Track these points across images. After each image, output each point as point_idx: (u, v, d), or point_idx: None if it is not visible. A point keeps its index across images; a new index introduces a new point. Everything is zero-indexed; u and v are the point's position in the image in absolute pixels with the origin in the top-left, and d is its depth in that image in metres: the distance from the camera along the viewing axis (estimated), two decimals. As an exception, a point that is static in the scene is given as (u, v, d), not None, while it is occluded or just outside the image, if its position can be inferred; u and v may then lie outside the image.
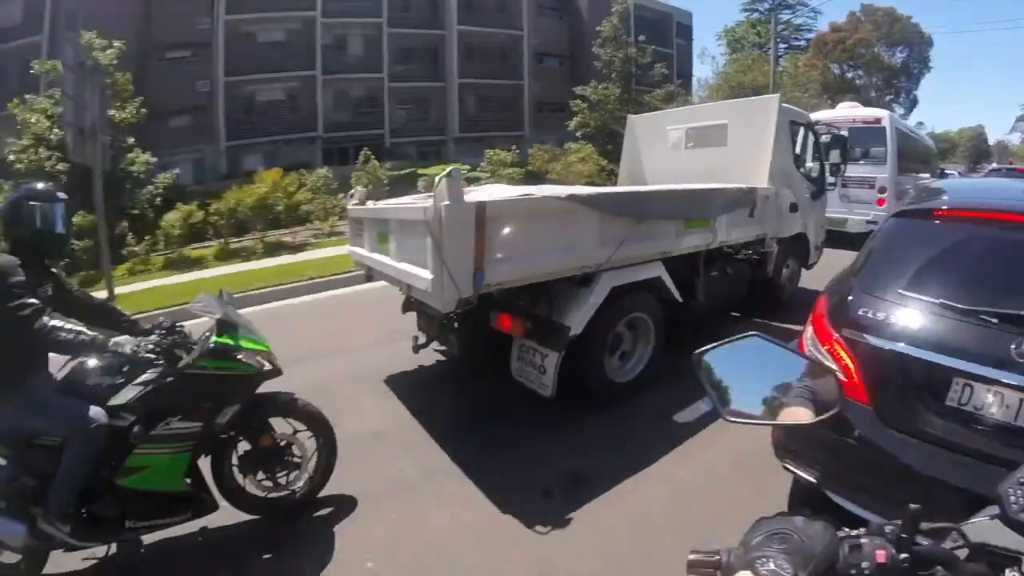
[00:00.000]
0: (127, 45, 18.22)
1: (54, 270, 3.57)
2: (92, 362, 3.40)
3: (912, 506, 0.94)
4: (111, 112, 14.72)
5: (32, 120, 16.25)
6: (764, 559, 0.85)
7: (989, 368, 2.45)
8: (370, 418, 5.19)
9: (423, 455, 4.51)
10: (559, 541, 3.38)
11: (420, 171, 24.39)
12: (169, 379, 3.35)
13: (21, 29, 29.03)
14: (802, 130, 7.62)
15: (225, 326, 3.50)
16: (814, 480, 2.95)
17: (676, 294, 5.15)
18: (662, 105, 26.62)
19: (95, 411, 3.19)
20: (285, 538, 3.78)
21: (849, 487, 2.85)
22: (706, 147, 7.08)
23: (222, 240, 16.48)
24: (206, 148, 31.59)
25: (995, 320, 2.51)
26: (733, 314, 6.32)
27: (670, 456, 4.02)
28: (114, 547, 3.71)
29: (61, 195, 3.42)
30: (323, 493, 4.04)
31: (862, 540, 0.93)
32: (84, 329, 3.17)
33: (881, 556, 0.90)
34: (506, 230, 4.11)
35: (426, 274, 4.05)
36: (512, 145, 28.93)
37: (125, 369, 3.38)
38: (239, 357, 3.50)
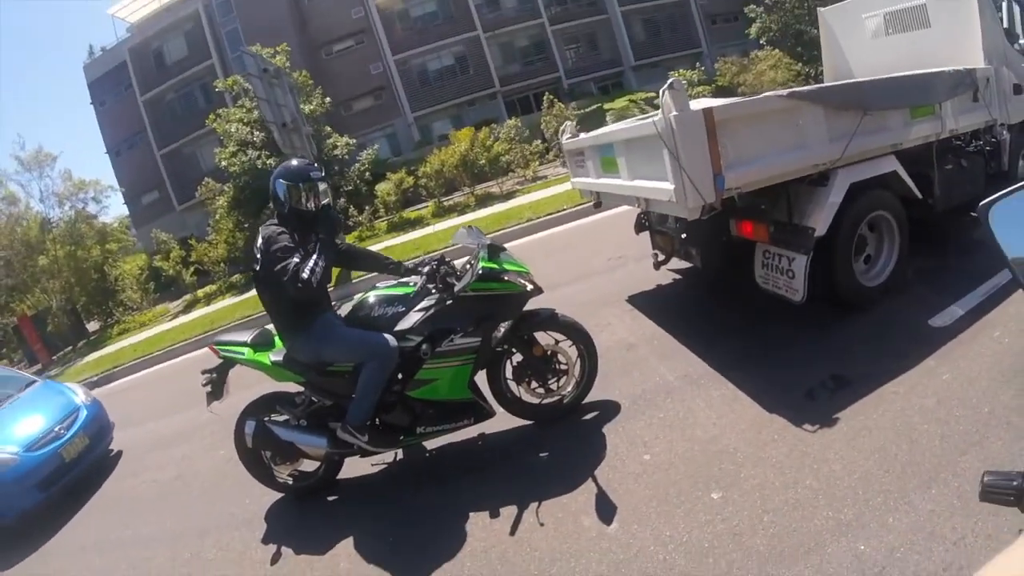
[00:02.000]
0: (291, 48, 20.14)
1: (317, 231, 3.90)
2: (372, 297, 3.93)
3: None
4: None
5: (232, 129, 18.42)
6: None
7: None
8: (620, 333, 5.32)
9: (680, 362, 4.55)
10: (827, 440, 3.28)
11: (605, 106, 24.22)
12: (448, 303, 3.77)
13: (190, 59, 33.47)
14: (1007, 1, 6.49)
15: (492, 251, 3.87)
16: None
17: (915, 189, 4.73)
18: None
19: (384, 336, 3.67)
20: (559, 440, 4.04)
21: None
22: (908, 31, 6.28)
23: (435, 200, 17.59)
24: (396, 122, 33.80)
25: None
26: (972, 214, 5.58)
27: (931, 360, 3.71)
28: (401, 453, 4.35)
29: (313, 174, 3.76)
30: (588, 399, 4.25)
31: None
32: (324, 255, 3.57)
33: None
34: (736, 133, 4.00)
35: (667, 185, 4.06)
36: (695, 63, 27.57)
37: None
38: (506, 278, 3.83)
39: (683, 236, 5.31)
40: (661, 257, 6.02)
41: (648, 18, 35.93)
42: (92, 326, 22.09)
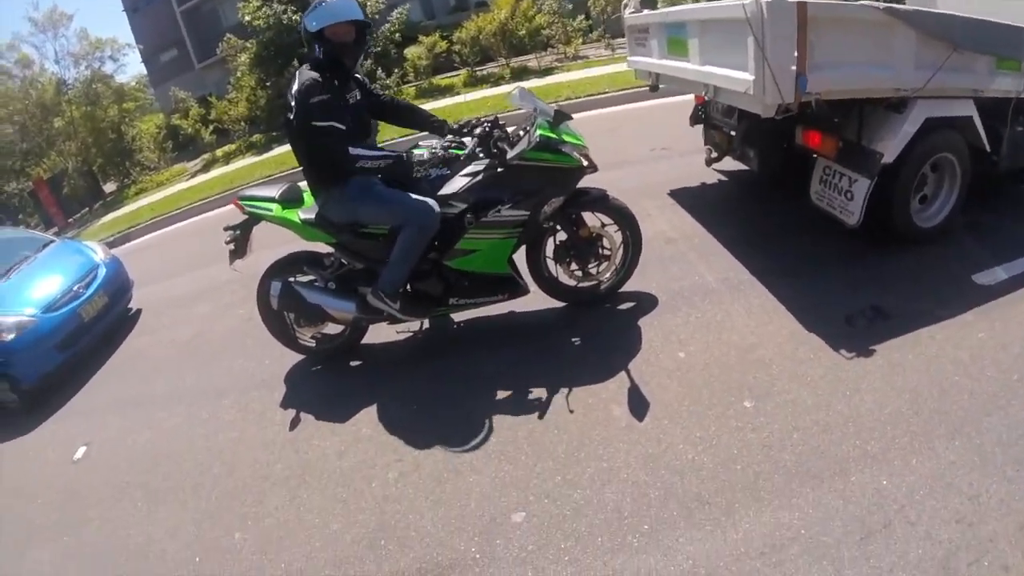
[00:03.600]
0: None
1: (358, 76, 3.73)
2: (416, 155, 3.62)
3: None
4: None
5: None
6: None
7: None
8: (660, 225, 5.12)
9: (720, 264, 4.40)
10: (862, 369, 3.21)
11: (664, -13, 22.84)
12: (499, 170, 3.52)
13: None
14: None
15: (558, 118, 3.57)
16: None
17: (985, 141, 4.49)
18: None
19: (427, 200, 3.45)
20: (593, 326, 3.94)
21: None
22: None
23: (468, 68, 16.89)
24: (431, -18, 31.83)
25: None
26: None
27: (969, 314, 3.60)
28: (427, 322, 4.26)
29: (361, 14, 3.49)
30: (624, 289, 4.13)
31: None
32: (387, 153, 3.39)
33: None
34: (826, 35, 3.72)
35: (746, 76, 3.78)
36: None
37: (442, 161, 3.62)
38: (563, 150, 3.56)
39: (743, 135, 5.07)
40: (714, 154, 5.74)
41: None
42: (109, 187, 21.89)
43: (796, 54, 3.58)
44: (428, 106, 13.13)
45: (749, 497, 2.55)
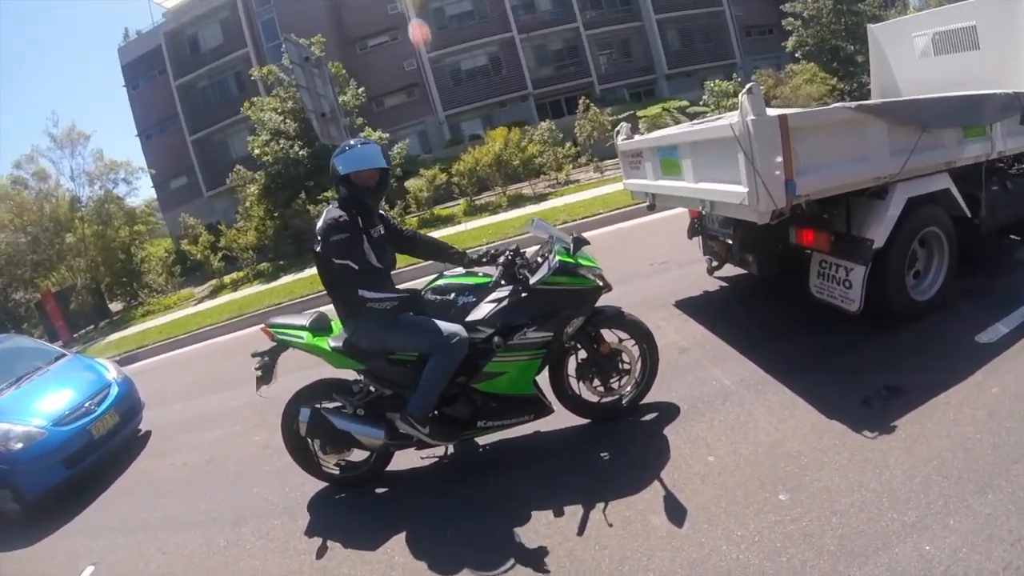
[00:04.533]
0: (326, 40, 20.27)
1: (382, 212, 4.01)
2: (442, 283, 3.89)
3: None
4: (335, 98, 16.36)
5: (266, 118, 18.49)
6: None
7: None
8: (670, 336, 5.28)
9: (734, 367, 4.54)
10: (886, 446, 3.32)
11: (638, 113, 24.27)
12: (523, 295, 3.71)
13: (225, 47, 33.83)
14: None
15: (577, 244, 3.85)
16: None
17: (964, 208, 4.85)
18: (880, 13, 24.21)
19: (455, 327, 3.61)
20: (619, 440, 4.01)
21: None
22: (957, 52, 6.38)
23: (467, 198, 17.63)
24: (426, 120, 33.95)
25: None
26: (1012, 237, 5.64)
27: (979, 374, 3.80)
28: (452, 447, 4.26)
29: (378, 159, 3.71)
30: (645, 401, 4.22)
31: None
32: (394, 294, 3.59)
33: None
34: (807, 141, 4.09)
35: (740, 188, 4.10)
36: (733, 74, 27.53)
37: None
38: (581, 273, 3.78)
39: (741, 242, 5.35)
40: (715, 263, 6.07)
41: (683, 27, 35.99)
42: (115, 306, 22.26)
43: (783, 163, 3.91)
44: (432, 235, 13.65)
45: None
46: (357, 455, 4.08)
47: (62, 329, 18.67)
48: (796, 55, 27.99)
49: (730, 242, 5.49)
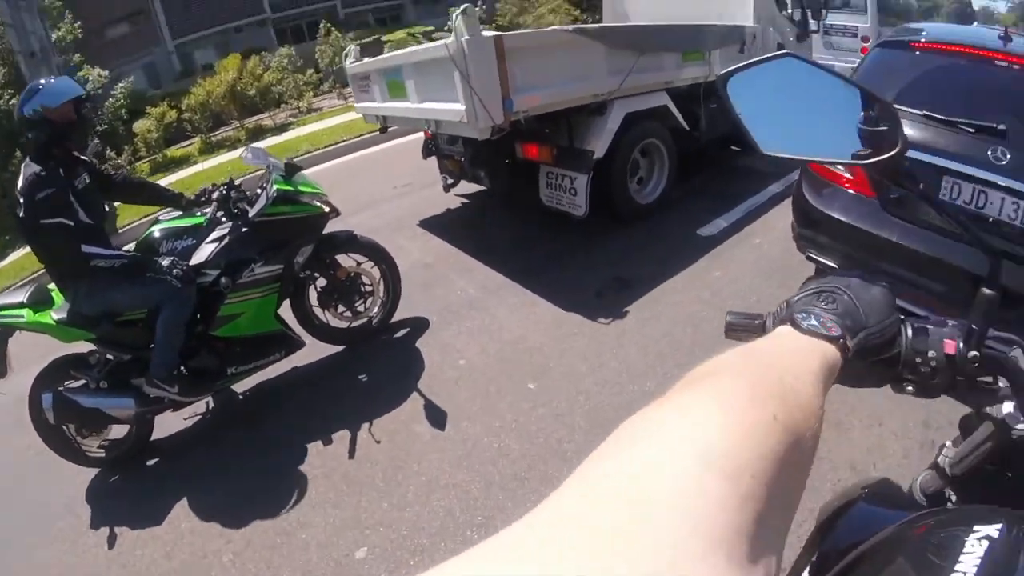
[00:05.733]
0: None
1: (84, 158, 3.60)
2: (157, 232, 3.61)
3: (986, 291, 0.79)
4: (47, 34, 14.03)
5: None
6: (806, 314, 0.67)
7: (971, 167, 2.86)
8: (416, 254, 5.48)
9: (478, 276, 4.87)
10: (621, 329, 3.82)
11: (384, 38, 23.50)
12: (244, 230, 3.57)
13: None
14: None
15: (290, 170, 3.74)
16: (835, 265, 3.29)
17: (683, 122, 5.54)
18: None
19: (176, 273, 3.40)
20: (375, 360, 4.14)
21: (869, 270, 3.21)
22: None
23: (202, 135, 16.14)
24: (154, 51, 29.80)
25: (971, 130, 2.92)
26: (733, 148, 6.58)
27: (702, 261, 4.47)
28: (212, 400, 4.11)
29: (72, 87, 3.39)
30: (395, 318, 4.39)
31: (929, 325, 0.77)
32: (122, 252, 3.35)
33: (949, 347, 0.75)
34: (524, 60, 4.33)
35: (458, 107, 4.25)
36: (477, 1, 27.41)
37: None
38: (303, 200, 3.71)
39: (471, 159, 5.56)
40: (450, 181, 6.32)
41: (434, -51, 34.70)
42: None
43: (499, 81, 4.13)
44: (167, 180, 12.46)
45: (559, 461, 2.95)
46: (117, 432, 3.76)
47: None
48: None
49: (462, 160, 5.70)
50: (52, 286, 3.49)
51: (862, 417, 2.93)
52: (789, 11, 7.53)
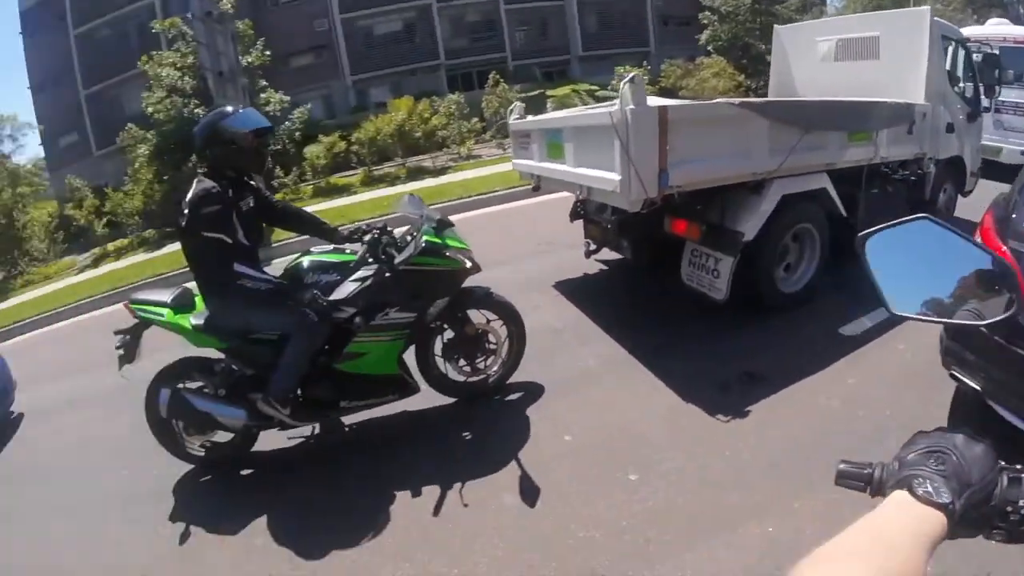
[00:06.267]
0: None
1: (253, 183, 3.85)
2: (306, 263, 3.79)
3: None
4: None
5: (163, 74, 17.47)
6: (920, 479, 0.75)
7: None
8: (546, 316, 5.42)
9: (602, 348, 4.72)
10: (740, 430, 3.52)
11: (548, 92, 24.27)
12: (387, 275, 3.67)
13: None
14: (953, 46, 6.99)
15: (441, 225, 3.82)
16: (979, 388, 2.95)
17: (841, 208, 5.11)
18: (796, 16, 24.76)
19: (315, 307, 3.52)
20: (482, 419, 4.09)
21: (1017, 397, 2.82)
22: (858, 60, 6.71)
23: (365, 168, 17.19)
24: (333, 84, 32.57)
25: None
26: None
27: (839, 364, 4.05)
28: (318, 426, 4.21)
29: (260, 119, 3.66)
30: (512, 380, 4.32)
31: (1023, 475, 0.80)
32: (269, 277, 3.53)
33: None
34: (685, 133, 4.18)
35: (613, 176, 4.17)
36: (643, 62, 27.88)
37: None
38: (447, 255, 3.77)
39: (617, 228, 5.49)
40: (593, 247, 6.22)
41: (602, 11, 35.78)
42: (-7, 276, 20.70)
43: (658, 153, 4.01)
44: (325, 205, 13.32)
45: (641, 564, 2.71)
46: (221, 436, 3.96)
47: (-63, 304, 17.17)
48: (709, 49, 28.28)
49: (608, 227, 5.62)
50: (196, 292, 3.71)
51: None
52: (961, 87, 6.99)
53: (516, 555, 2.91)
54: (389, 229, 3.89)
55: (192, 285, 3.74)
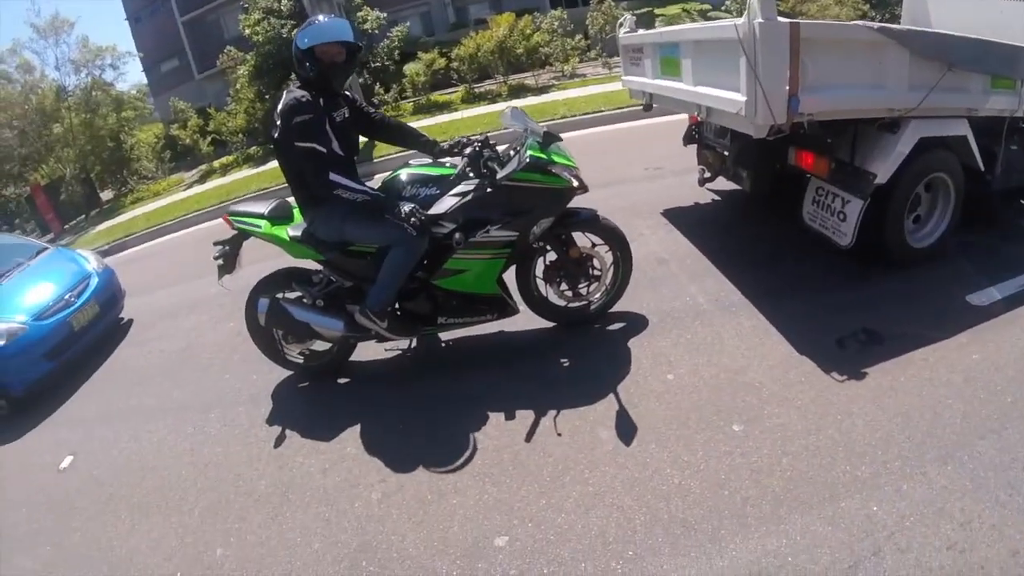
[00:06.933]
0: None
1: (348, 93, 3.74)
2: (404, 175, 3.65)
3: None
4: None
5: None
6: None
7: None
8: (652, 245, 5.14)
9: (711, 285, 4.41)
10: (853, 393, 3.19)
11: (657, 11, 23.01)
12: (488, 190, 3.50)
13: None
14: None
15: (548, 139, 3.59)
16: None
17: (979, 160, 4.51)
18: None
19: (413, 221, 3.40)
20: (582, 347, 3.93)
21: None
22: None
23: (466, 85, 16.95)
24: (431, 1, 31.92)
25: None
26: (1022, 202, 5.31)
27: (963, 336, 3.58)
28: (415, 341, 4.25)
29: (352, 36, 3.48)
30: (615, 309, 4.13)
31: None
32: (366, 188, 3.36)
33: None
34: (819, 56, 3.73)
35: (738, 97, 3.78)
36: None
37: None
38: (553, 171, 3.54)
39: (736, 156, 5.09)
40: (707, 174, 5.77)
41: (720, -74, 33.52)
42: (106, 195, 21.73)
43: (788, 75, 3.58)
44: (425, 122, 13.24)
45: (736, 523, 2.52)
46: (320, 345, 4.06)
47: (53, 222, 18.16)
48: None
49: (726, 154, 5.24)
50: (294, 203, 3.68)
51: None
52: None
53: (606, 494, 2.80)
54: (492, 142, 3.70)
55: (291, 198, 3.70)
